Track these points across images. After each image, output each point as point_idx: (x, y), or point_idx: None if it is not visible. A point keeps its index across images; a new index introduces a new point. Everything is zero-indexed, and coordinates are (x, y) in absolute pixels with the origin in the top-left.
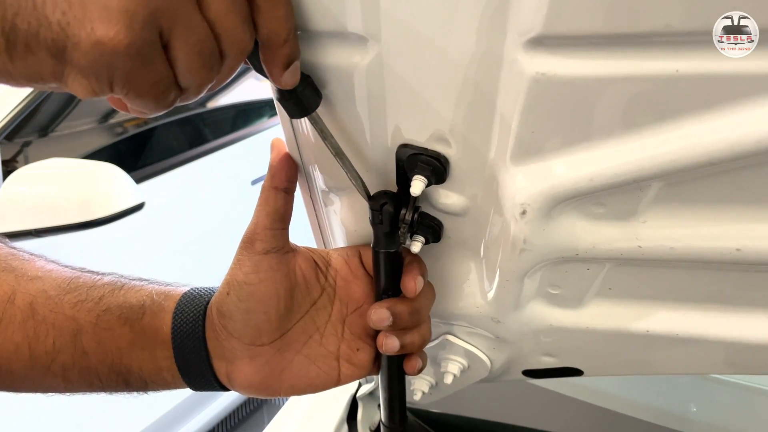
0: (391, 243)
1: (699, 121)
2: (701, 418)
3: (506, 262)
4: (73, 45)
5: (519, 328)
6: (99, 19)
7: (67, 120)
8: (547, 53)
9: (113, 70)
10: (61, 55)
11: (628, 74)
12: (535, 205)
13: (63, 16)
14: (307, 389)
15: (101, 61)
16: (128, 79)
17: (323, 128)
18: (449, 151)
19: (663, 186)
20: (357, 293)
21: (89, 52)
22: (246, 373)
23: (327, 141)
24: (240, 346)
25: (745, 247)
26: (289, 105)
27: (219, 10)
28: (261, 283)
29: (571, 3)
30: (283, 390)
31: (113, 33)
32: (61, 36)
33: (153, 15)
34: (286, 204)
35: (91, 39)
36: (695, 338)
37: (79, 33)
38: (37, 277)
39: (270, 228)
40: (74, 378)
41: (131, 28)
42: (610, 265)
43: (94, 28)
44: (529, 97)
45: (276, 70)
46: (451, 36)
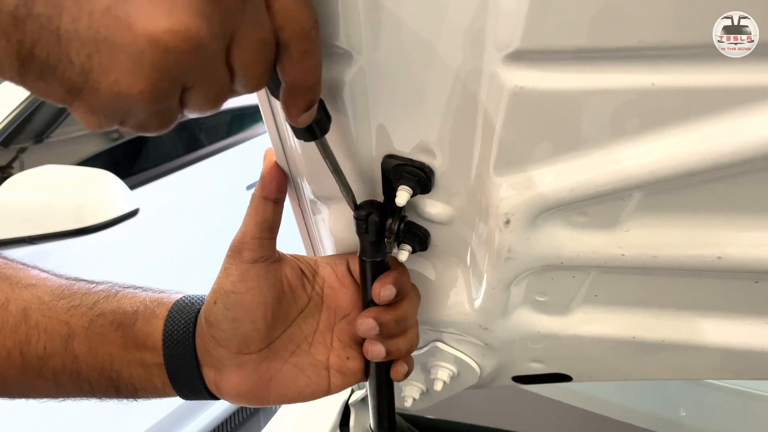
0: (377, 252)
1: (675, 133)
2: (690, 422)
3: (492, 270)
4: (91, 89)
5: (507, 335)
6: (127, 72)
7: (63, 126)
8: (525, 67)
9: (128, 116)
10: (76, 92)
11: (604, 87)
12: (519, 214)
13: (87, 59)
14: (296, 398)
15: (116, 108)
16: (143, 123)
17: (327, 148)
18: (434, 162)
19: (644, 195)
20: (344, 301)
21: (106, 99)
22: (233, 382)
23: (328, 159)
24: (227, 354)
25: (726, 255)
26: (299, 129)
27: (245, 62)
28: (248, 292)
29: (547, 19)
30: (271, 399)
31: (138, 89)
32: (80, 78)
33: (182, 74)
34: (275, 214)
35: (113, 90)
36: (681, 344)
37: (100, 80)
38: (31, 285)
39: (258, 237)
40: (65, 382)
41: (158, 87)
42: (596, 273)
43: (118, 80)
44: (509, 110)
45: (295, 112)
46: (431, 50)
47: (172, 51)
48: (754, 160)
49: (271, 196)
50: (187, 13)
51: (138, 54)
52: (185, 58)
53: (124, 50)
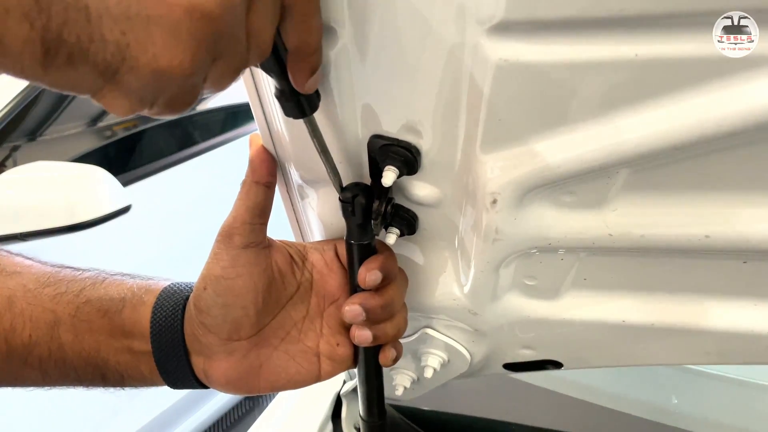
0: (363, 235)
1: (660, 105)
2: (682, 410)
3: (480, 252)
4: (129, 68)
5: (497, 320)
6: (165, 45)
7: (56, 124)
8: (509, 39)
9: (161, 94)
10: (110, 75)
11: (588, 59)
12: (505, 194)
13: (122, 36)
14: (286, 385)
15: (154, 87)
16: (170, 102)
17: (315, 127)
18: (420, 142)
19: (631, 173)
20: (333, 287)
21: (145, 77)
22: (223, 369)
23: (315, 139)
24: (217, 341)
25: (714, 234)
26: (289, 105)
27: (259, 27)
28: (238, 277)
29: None
30: (261, 387)
31: (177, 61)
32: (116, 57)
33: (216, 42)
34: (266, 199)
35: (152, 65)
36: (671, 328)
37: (138, 57)
38: (15, 272)
39: (249, 222)
40: (51, 371)
41: (195, 58)
42: (584, 255)
43: (157, 55)
44: (494, 85)
45: (301, 76)
46: (415, 25)
47: (208, 17)
48: (741, 132)
49: (263, 180)
50: None
51: (175, 25)
52: (220, 25)
53: (160, 22)
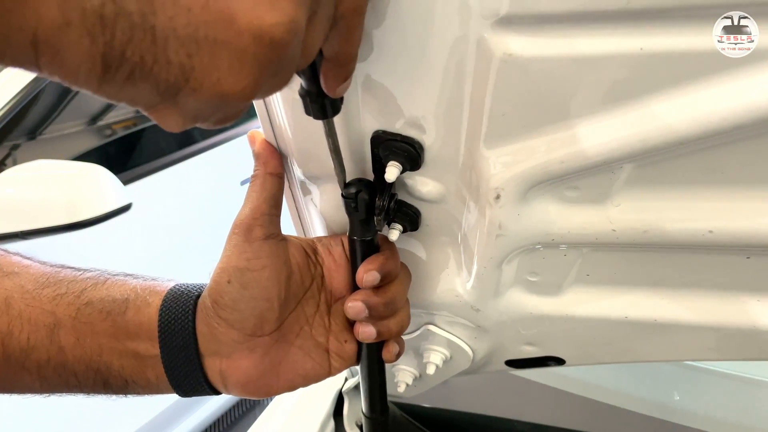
0: (366, 231)
1: (665, 99)
2: (684, 407)
3: (483, 248)
4: (191, 90)
5: (499, 317)
6: (230, 70)
7: (56, 122)
8: (514, 33)
9: (216, 114)
10: (171, 95)
11: (593, 53)
12: (509, 189)
13: (188, 59)
14: (302, 383)
15: (212, 108)
16: (222, 120)
17: (332, 128)
18: (423, 137)
19: (634, 168)
20: (341, 283)
21: (206, 99)
22: (244, 367)
23: (330, 138)
24: (240, 337)
25: (717, 229)
26: (314, 107)
27: (314, 41)
28: (264, 269)
29: None
30: (280, 385)
31: (240, 87)
32: (179, 79)
33: (279, 64)
34: (280, 190)
35: (215, 90)
36: (674, 324)
37: (201, 80)
38: (13, 273)
39: (268, 213)
40: (50, 376)
41: (258, 83)
42: (587, 251)
43: (221, 79)
44: (498, 79)
45: (334, 82)
46: (419, 19)
47: (277, 44)
48: (747, 125)
49: (276, 171)
50: (290, 3)
51: (242, 50)
52: (286, 50)
53: (228, 47)
